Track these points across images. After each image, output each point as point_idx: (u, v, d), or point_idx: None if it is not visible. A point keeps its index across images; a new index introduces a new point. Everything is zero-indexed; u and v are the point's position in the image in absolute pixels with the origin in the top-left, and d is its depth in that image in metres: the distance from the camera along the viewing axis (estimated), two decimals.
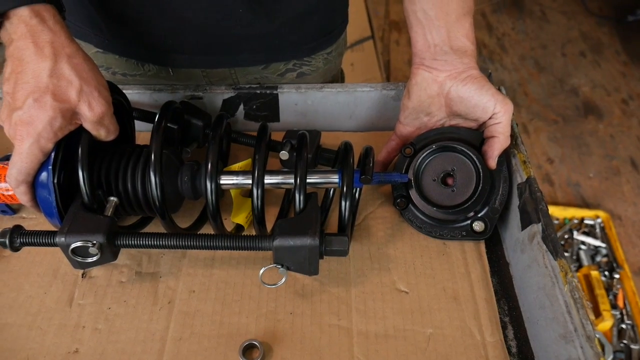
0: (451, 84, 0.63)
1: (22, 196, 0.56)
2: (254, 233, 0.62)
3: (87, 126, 0.55)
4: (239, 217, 0.66)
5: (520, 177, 0.64)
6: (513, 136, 0.68)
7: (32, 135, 0.51)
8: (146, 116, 0.71)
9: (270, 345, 0.57)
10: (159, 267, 0.65)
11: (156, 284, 0.63)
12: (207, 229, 0.67)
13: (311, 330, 0.59)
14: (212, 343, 0.58)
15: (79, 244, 0.53)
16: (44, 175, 0.55)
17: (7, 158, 0.66)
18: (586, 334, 0.49)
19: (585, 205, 2.00)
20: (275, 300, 0.61)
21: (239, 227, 0.67)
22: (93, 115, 0.54)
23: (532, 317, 0.59)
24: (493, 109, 0.63)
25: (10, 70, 0.52)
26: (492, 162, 0.64)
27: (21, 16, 0.51)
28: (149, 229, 0.67)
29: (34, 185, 0.55)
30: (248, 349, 0.57)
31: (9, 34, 0.52)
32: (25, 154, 0.52)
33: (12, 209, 0.70)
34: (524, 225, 0.61)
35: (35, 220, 0.70)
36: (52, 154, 0.54)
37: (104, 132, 0.56)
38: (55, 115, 0.51)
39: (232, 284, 0.63)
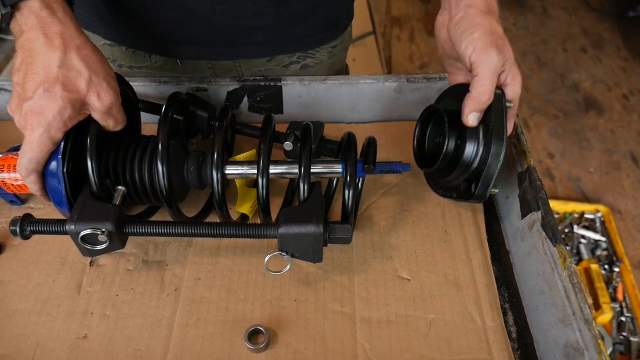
0: (449, 26, 0.59)
1: (32, 185, 0.57)
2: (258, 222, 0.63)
3: (96, 116, 0.56)
4: (244, 207, 0.67)
5: (520, 166, 0.65)
6: (515, 127, 0.69)
7: (42, 125, 0.52)
8: (152, 108, 0.72)
9: (275, 331, 0.59)
10: (165, 256, 0.66)
11: (162, 272, 0.64)
12: (213, 218, 0.68)
13: (315, 317, 0.60)
14: (218, 329, 0.59)
15: (88, 231, 0.54)
16: (53, 164, 0.56)
17: (15, 149, 0.67)
18: (584, 317, 0.50)
19: (586, 199, 2.01)
20: (280, 287, 0.62)
21: (243, 217, 0.68)
22: (102, 105, 0.55)
23: (532, 303, 0.60)
24: (469, 58, 0.57)
25: (20, 61, 0.53)
26: (464, 119, 0.58)
27: (31, 7, 0.52)
28: (156, 218, 0.68)
29: (43, 174, 0.56)
30: (253, 334, 0.58)
31: (19, 25, 0.53)
32: (36, 144, 0.53)
33: (20, 199, 0.71)
34: (523, 214, 0.63)
35: (43, 211, 0.71)
36: (62, 144, 0.55)
37: (112, 122, 0.58)
38: (65, 105, 0.52)
39: (237, 271, 0.64)
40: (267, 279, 0.63)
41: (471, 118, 0.57)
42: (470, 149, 0.59)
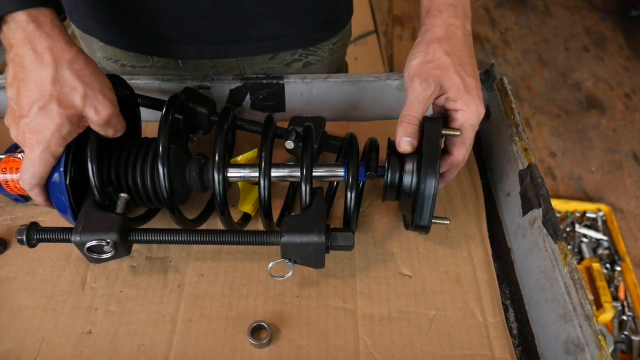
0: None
1: (36, 197, 0.57)
2: (260, 222, 0.63)
3: (95, 128, 0.56)
4: (246, 206, 0.68)
5: (521, 164, 0.65)
6: (516, 125, 0.69)
7: (42, 143, 0.52)
8: (152, 103, 0.71)
9: (277, 326, 0.59)
10: (169, 253, 0.66)
11: (166, 268, 0.65)
12: (215, 218, 0.69)
13: (317, 313, 0.60)
14: (221, 324, 0.59)
15: (93, 242, 0.54)
16: (56, 176, 0.56)
17: (14, 148, 0.68)
18: (585, 313, 0.50)
19: (588, 198, 2.01)
20: (282, 283, 0.63)
21: (246, 216, 0.68)
22: (100, 118, 0.54)
23: (533, 300, 0.60)
24: (404, 84, 0.58)
25: (12, 76, 0.52)
26: (397, 145, 0.58)
27: (18, 21, 0.50)
28: (158, 217, 0.69)
29: (46, 186, 0.57)
30: (256, 329, 0.58)
31: (8, 38, 0.51)
32: (38, 160, 0.53)
33: (24, 197, 0.71)
34: (525, 211, 0.63)
35: (47, 208, 0.71)
36: (63, 157, 0.55)
37: (112, 131, 0.57)
38: (63, 121, 0.52)
39: (240, 268, 0.64)
40: (269, 276, 0.63)
41: (402, 144, 0.57)
42: (407, 178, 0.58)
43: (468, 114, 0.58)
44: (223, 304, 0.61)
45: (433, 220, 0.58)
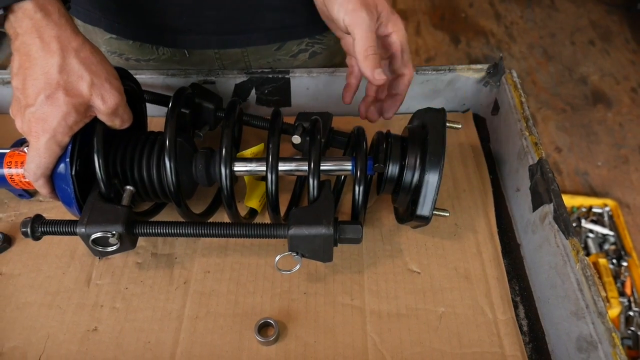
0: None
1: (41, 189, 0.57)
2: (267, 217, 0.63)
3: (102, 118, 0.55)
4: (252, 201, 0.67)
5: (531, 158, 0.64)
6: (526, 119, 0.68)
7: (48, 132, 0.51)
8: (158, 99, 0.71)
9: (284, 323, 0.58)
10: (174, 249, 0.66)
11: (172, 265, 0.64)
12: (221, 212, 0.68)
13: (325, 310, 0.60)
14: (228, 321, 0.59)
15: (99, 234, 0.54)
16: (61, 167, 0.55)
17: (20, 143, 0.67)
18: (598, 310, 0.49)
19: (594, 193, 1.99)
20: (289, 280, 0.62)
21: (252, 212, 0.68)
22: (107, 107, 0.54)
23: (543, 296, 0.59)
24: (343, 22, 0.57)
25: (18, 66, 0.51)
26: (372, 80, 0.57)
27: (26, 10, 0.49)
28: (165, 212, 0.68)
29: (52, 177, 0.56)
30: (263, 327, 0.58)
31: (14, 27, 0.51)
32: (43, 150, 0.52)
33: (29, 193, 0.71)
34: (535, 206, 0.62)
35: (52, 204, 0.71)
36: (69, 147, 0.54)
37: (119, 122, 0.57)
38: (69, 110, 0.51)
39: (247, 264, 0.64)
40: (276, 272, 0.63)
41: (377, 75, 0.57)
42: (409, 170, 0.57)
43: (400, 32, 0.60)
44: (229, 301, 0.60)
45: (434, 212, 0.57)
